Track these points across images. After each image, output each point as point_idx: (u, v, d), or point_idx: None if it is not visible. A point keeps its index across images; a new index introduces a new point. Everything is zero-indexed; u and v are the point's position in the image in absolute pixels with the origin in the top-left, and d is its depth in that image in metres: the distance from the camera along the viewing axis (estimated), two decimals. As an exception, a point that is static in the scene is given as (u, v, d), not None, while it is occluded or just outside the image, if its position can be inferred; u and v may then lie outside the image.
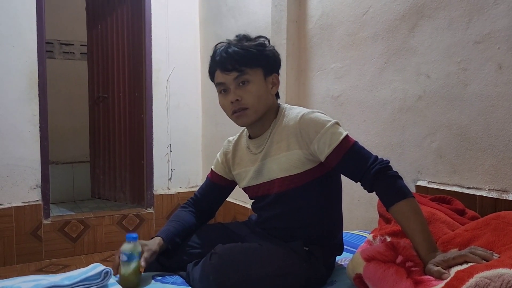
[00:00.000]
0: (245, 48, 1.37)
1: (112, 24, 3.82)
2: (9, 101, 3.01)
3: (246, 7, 3.01)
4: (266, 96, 1.40)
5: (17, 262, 3.04)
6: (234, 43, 1.39)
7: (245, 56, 1.36)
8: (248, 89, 1.36)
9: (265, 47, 1.41)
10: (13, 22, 2.99)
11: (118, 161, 3.88)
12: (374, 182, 1.25)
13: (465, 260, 1.02)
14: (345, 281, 1.32)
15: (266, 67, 1.40)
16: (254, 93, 1.36)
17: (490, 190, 1.57)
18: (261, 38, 1.44)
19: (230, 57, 1.36)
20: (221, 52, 1.38)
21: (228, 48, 1.37)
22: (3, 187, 3.01)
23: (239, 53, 1.36)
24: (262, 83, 1.39)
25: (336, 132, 1.30)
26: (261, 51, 1.39)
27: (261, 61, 1.38)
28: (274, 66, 1.44)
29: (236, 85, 1.37)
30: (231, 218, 3.26)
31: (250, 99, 1.36)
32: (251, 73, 1.36)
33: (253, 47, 1.38)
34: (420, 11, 1.82)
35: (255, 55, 1.37)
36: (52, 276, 1.19)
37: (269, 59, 1.41)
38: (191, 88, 3.75)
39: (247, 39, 1.42)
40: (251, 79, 1.36)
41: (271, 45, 1.46)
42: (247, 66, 1.36)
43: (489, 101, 1.57)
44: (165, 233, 1.46)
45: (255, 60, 1.37)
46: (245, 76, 1.36)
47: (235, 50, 1.36)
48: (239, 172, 1.52)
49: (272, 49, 1.44)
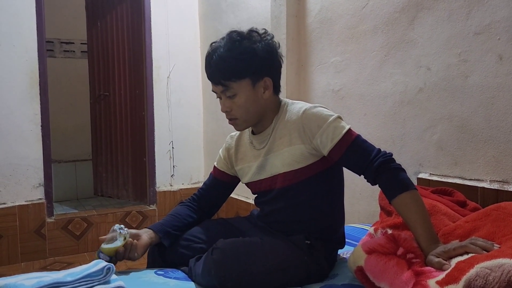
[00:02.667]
0: (230, 58, 1.32)
1: (112, 22, 3.81)
2: (10, 100, 3.01)
3: (246, 2, 3.00)
4: (256, 104, 1.38)
5: (22, 260, 3.05)
6: (221, 49, 1.34)
7: (228, 70, 1.33)
8: (236, 101, 1.37)
9: (253, 51, 1.34)
10: (13, 21, 2.99)
11: (120, 158, 3.88)
12: (377, 175, 1.25)
13: (465, 251, 1.02)
14: (347, 274, 1.33)
15: (254, 74, 1.35)
16: (242, 105, 1.36)
17: (492, 181, 1.57)
18: (253, 33, 1.38)
19: (214, 70, 1.35)
20: (208, 62, 1.37)
21: (213, 57, 1.34)
22: (6, 186, 3.03)
23: (222, 67, 1.33)
24: (250, 93, 1.36)
25: (339, 126, 1.30)
26: (247, 59, 1.33)
27: (247, 71, 1.34)
28: (264, 70, 1.37)
29: (225, 96, 1.38)
30: (233, 214, 3.27)
31: (238, 112, 1.38)
32: (236, 87, 1.34)
33: (238, 56, 1.32)
34: (420, 3, 1.81)
35: (239, 68, 1.33)
36: (55, 273, 1.20)
37: (257, 65, 1.35)
38: (191, 84, 3.75)
39: (239, 38, 1.35)
40: (237, 92, 1.35)
41: (265, 40, 1.38)
42: (231, 80, 1.33)
43: (489, 93, 1.57)
44: (155, 225, 1.49)
45: (239, 72, 1.33)
46: (230, 90, 1.35)
47: (218, 63, 1.33)
48: (242, 167, 1.52)
49: (264, 47, 1.36)
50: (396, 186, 1.22)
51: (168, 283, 1.30)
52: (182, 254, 1.47)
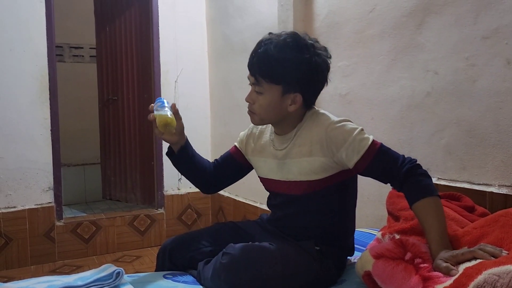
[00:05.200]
0: (273, 60, 1.29)
1: (120, 26, 3.85)
2: (21, 105, 3.05)
3: (253, 7, 3.02)
4: (278, 111, 1.36)
5: (31, 263, 3.08)
6: (271, 45, 1.30)
7: (266, 69, 1.31)
8: (260, 99, 1.36)
9: (298, 64, 1.30)
10: (23, 27, 3.04)
11: (128, 162, 3.91)
12: (404, 181, 1.24)
13: (474, 256, 1.02)
14: (355, 279, 1.33)
15: (288, 85, 1.32)
16: (264, 106, 1.36)
17: (500, 186, 1.56)
18: (312, 44, 1.33)
19: (255, 62, 1.34)
20: (254, 50, 1.35)
21: (261, 47, 1.33)
22: (17, 190, 3.06)
23: (263, 63, 1.31)
24: (277, 99, 1.34)
25: (363, 138, 1.29)
26: (287, 68, 1.30)
27: (282, 80, 1.31)
28: (299, 86, 1.33)
29: (253, 89, 1.38)
30: (241, 218, 3.27)
31: (258, 109, 1.38)
32: (266, 87, 1.33)
33: (282, 61, 1.29)
34: (427, 8, 1.81)
35: (277, 72, 1.31)
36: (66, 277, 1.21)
37: (294, 78, 1.31)
38: (199, 88, 3.77)
39: (294, 43, 1.31)
40: (265, 92, 1.34)
41: (318, 56, 1.33)
42: (264, 79, 1.33)
43: (497, 97, 1.56)
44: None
45: (275, 77, 1.31)
46: (259, 87, 1.35)
47: (261, 57, 1.31)
48: (258, 159, 1.50)
49: (312, 63, 1.31)
50: (420, 191, 1.22)
51: (177, 287, 1.31)
52: (191, 257, 1.47)
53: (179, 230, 3.52)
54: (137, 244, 3.48)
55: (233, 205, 3.45)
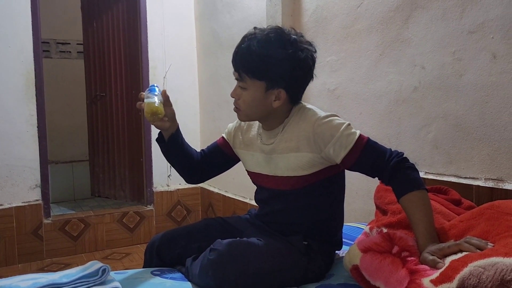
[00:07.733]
0: (255, 56, 1.29)
1: (108, 22, 3.81)
2: (6, 101, 3.01)
3: (241, 2, 3.00)
4: (262, 107, 1.35)
5: (19, 262, 3.05)
6: (255, 41, 1.30)
7: (249, 65, 1.31)
8: (244, 95, 1.36)
9: (281, 60, 1.29)
10: (8, 22, 2.99)
11: (117, 159, 3.88)
12: (392, 175, 1.24)
13: (460, 249, 1.03)
14: (343, 273, 1.33)
15: (271, 81, 1.31)
16: (247, 101, 1.35)
17: (486, 179, 1.58)
18: (297, 39, 1.32)
19: (238, 57, 1.33)
20: (238, 45, 1.35)
21: (242, 44, 1.33)
22: (3, 188, 3.02)
23: (245, 59, 1.31)
24: (260, 95, 1.33)
25: (350, 133, 1.29)
26: (270, 64, 1.29)
27: (265, 76, 1.31)
28: (283, 82, 1.32)
29: (238, 84, 1.38)
30: (231, 213, 3.27)
31: (242, 105, 1.37)
32: (249, 83, 1.33)
33: (264, 57, 1.28)
34: (414, 2, 1.81)
35: (259, 68, 1.30)
36: (51, 274, 1.20)
37: (278, 74, 1.30)
38: (188, 84, 3.75)
39: (277, 39, 1.30)
40: (248, 88, 1.34)
41: (303, 51, 1.31)
42: (247, 75, 1.32)
43: (483, 91, 1.57)
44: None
45: (257, 73, 1.31)
46: (243, 83, 1.35)
47: (244, 53, 1.31)
48: (246, 153, 1.50)
49: (296, 59, 1.30)
50: (407, 184, 1.22)
51: (165, 283, 1.30)
52: (179, 253, 1.47)
53: (169, 227, 3.49)
54: (127, 241, 3.46)
55: (222, 201, 3.44)
